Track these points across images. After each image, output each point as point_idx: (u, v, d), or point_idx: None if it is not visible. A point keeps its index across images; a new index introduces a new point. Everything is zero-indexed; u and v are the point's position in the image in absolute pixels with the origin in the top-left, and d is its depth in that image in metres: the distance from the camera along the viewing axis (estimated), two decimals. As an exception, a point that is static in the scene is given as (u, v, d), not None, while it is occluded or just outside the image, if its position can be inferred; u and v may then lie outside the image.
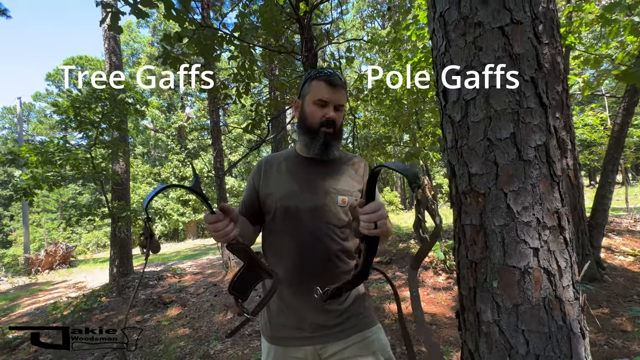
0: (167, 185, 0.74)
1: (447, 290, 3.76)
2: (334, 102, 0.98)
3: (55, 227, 23.62)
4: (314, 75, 1.00)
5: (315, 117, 0.99)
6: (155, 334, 3.48)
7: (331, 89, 0.97)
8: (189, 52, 2.59)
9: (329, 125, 0.99)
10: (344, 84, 1.01)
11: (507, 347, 0.77)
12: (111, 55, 6.60)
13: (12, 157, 4.43)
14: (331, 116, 0.98)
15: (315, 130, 0.99)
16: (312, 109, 1.00)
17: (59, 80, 24.77)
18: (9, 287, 8.20)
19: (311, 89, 1.00)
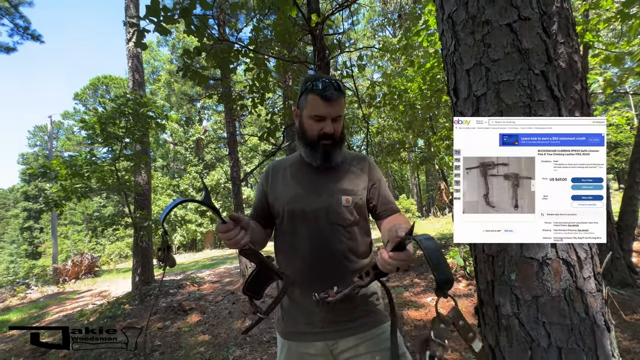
0: (181, 201, 0.80)
1: (467, 297, 3.65)
2: (331, 116, 0.99)
3: (81, 239, 24.62)
4: (310, 87, 0.99)
5: (313, 131, 1.01)
6: (176, 340, 3.55)
7: (327, 104, 0.97)
8: (208, 65, 2.72)
9: (327, 138, 1.00)
10: (341, 92, 0.99)
11: (527, 340, 0.76)
12: (134, 73, 6.97)
13: (43, 171, 4.71)
14: (329, 130, 0.99)
15: (314, 143, 1.02)
16: (309, 123, 1.01)
17: (86, 99, 26.20)
18: (39, 296, 8.57)
19: (307, 103, 1.00)
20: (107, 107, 5.88)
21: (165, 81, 20.89)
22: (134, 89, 6.76)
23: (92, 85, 25.82)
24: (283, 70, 4.13)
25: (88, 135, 5.14)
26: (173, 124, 19.78)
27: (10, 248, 29.43)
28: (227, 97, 3.49)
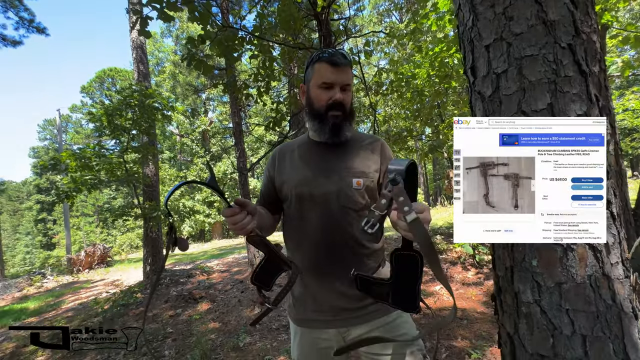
0: (185, 182, 0.78)
1: (477, 285, 3.63)
2: (339, 83, 0.95)
3: (93, 230, 25.20)
4: (316, 57, 0.97)
5: (321, 101, 0.97)
6: (187, 327, 3.62)
7: (335, 70, 0.93)
8: (212, 53, 2.67)
9: (337, 108, 0.96)
10: (349, 61, 0.96)
11: (550, 328, 0.74)
12: (139, 64, 6.94)
13: (54, 163, 4.77)
14: (338, 98, 0.95)
15: (323, 115, 0.97)
16: (317, 92, 0.97)
17: (93, 92, 26.36)
18: (55, 285, 8.84)
19: (314, 72, 0.97)
20: (113, 100, 5.90)
21: (170, 72, 20.86)
22: (139, 80, 6.75)
23: (98, 78, 25.94)
24: (288, 58, 4.05)
25: (96, 127, 5.17)
26: (179, 115, 19.82)
27: (26, 239, 30.36)
28: (232, 86, 3.45)
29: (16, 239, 30.82)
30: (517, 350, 0.80)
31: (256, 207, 0.87)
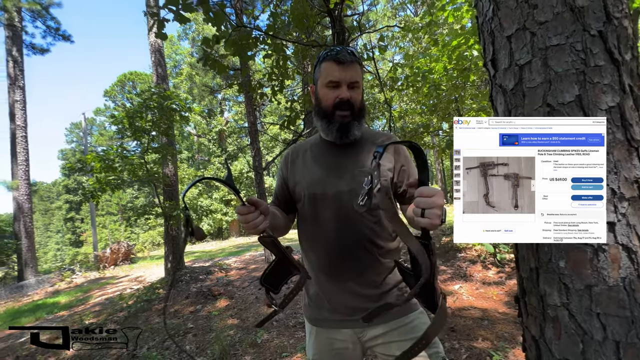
0: (202, 178, 0.80)
1: (498, 284, 3.52)
2: (346, 81, 0.93)
3: (118, 228, 26.28)
4: (323, 56, 0.96)
5: (328, 100, 0.95)
6: (207, 323, 3.72)
7: (341, 68, 0.92)
8: (227, 53, 2.71)
9: (344, 107, 0.94)
10: (357, 58, 0.94)
11: (579, 333, 0.70)
12: (157, 67, 7.14)
13: (80, 164, 5.00)
14: (345, 96, 0.93)
15: (330, 114, 0.96)
16: (324, 92, 0.96)
17: (115, 95, 27.39)
18: (83, 281, 9.29)
19: (321, 71, 0.96)
20: (134, 102, 6.11)
21: (187, 74, 21.36)
22: (157, 82, 6.95)
23: (120, 82, 26.91)
24: (302, 56, 4.05)
25: (118, 129, 5.37)
26: (196, 116, 20.30)
27: (56, 237, 32.10)
28: (247, 85, 3.48)
29: (48, 237, 32.65)
30: (544, 355, 0.77)
31: (269, 207, 0.87)
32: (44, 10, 11.62)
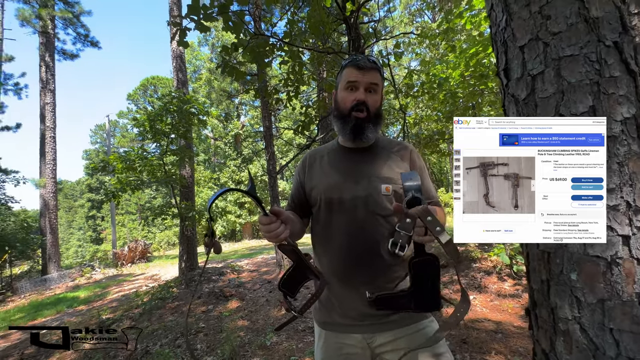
0: (228, 189, 0.81)
1: (514, 297, 3.41)
2: (363, 83, 0.96)
3: (136, 227, 27.08)
4: (344, 64, 1.01)
5: (346, 102, 0.99)
6: (218, 323, 3.78)
7: (360, 72, 0.96)
8: (245, 60, 2.78)
9: (360, 109, 0.96)
10: (377, 65, 0.98)
11: (591, 348, 0.68)
12: (178, 72, 7.40)
13: (103, 165, 5.22)
14: (361, 97, 0.96)
15: (346, 115, 0.98)
16: (343, 95, 1.00)
17: (137, 98, 28.47)
18: (102, 277, 9.62)
19: (342, 76, 1.01)
20: (155, 106, 6.35)
21: (206, 79, 21.96)
22: (178, 87, 7.20)
23: (142, 86, 27.98)
24: (317, 62, 4.11)
25: (139, 132, 5.59)
26: (213, 119, 20.79)
27: (78, 234, 33.40)
28: (263, 91, 3.56)
29: (70, 234, 34.02)
30: (554, 370, 0.75)
31: (289, 215, 0.89)
32: (75, 18, 12.28)
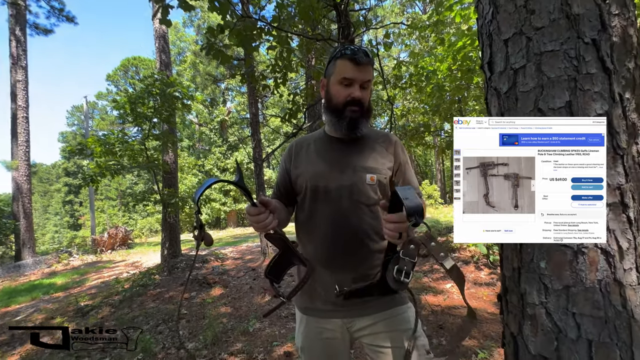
0: (215, 181, 0.81)
1: (489, 285, 3.57)
2: (359, 81, 0.96)
3: (116, 213, 26.36)
4: (339, 53, 0.98)
5: (340, 97, 0.98)
6: (201, 310, 3.77)
7: (356, 68, 0.95)
8: (231, 43, 2.70)
9: (355, 105, 0.97)
10: (371, 60, 0.97)
11: (554, 331, 0.73)
12: (161, 53, 7.10)
13: (80, 148, 5.01)
14: (356, 96, 0.96)
15: (341, 110, 0.99)
16: (337, 88, 0.99)
17: (117, 80, 27.24)
18: (80, 264, 9.36)
19: (336, 68, 0.98)
20: (136, 88, 6.10)
21: (190, 62, 21.22)
22: (161, 69, 6.92)
23: (123, 67, 26.75)
24: (306, 49, 4.03)
25: (119, 114, 5.37)
26: (198, 104, 20.21)
27: (55, 219, 32.19)
28: (250, 76, 3.48)
29: (46, 219, 32.75)
30: (520, 351, 0.79)
31: (276, 204, 0.90)
32: (48, -10, 11.50)
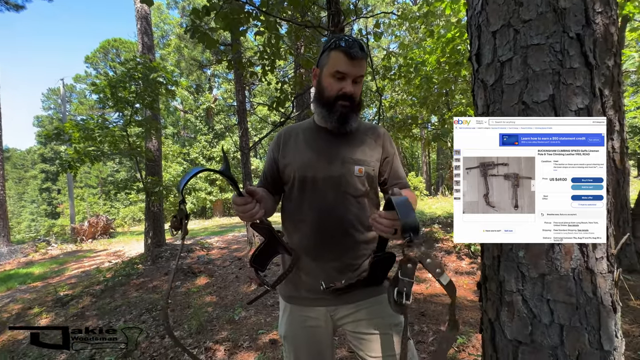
0: (201, 169, 0.79)
1: (470, 274, 3.69)
2: (352, 75, 0.95)
3: (97, 202, 25.58)
4: (333, 44, 0.95)
5: (332, 91, 0.97)
6: (185, 299, 3.75)
7: (350, 62, 0.93)
8: (217, 26, 2.61)
9: (346, 99, 0.96)
10: (365, 53, 0.95)
11: (529, 316, 0.76)
12: (143, 35, 6.80)
13: (57, 133, 4.79)
14: (349, 91, 0.95)
15: (332, 104, 0.98)
16: (329, 81, 0.97)
17: (97, 62, 25.99)
18: (59, 253, 9.08)
19: (330, 59, 0.96)
20: (117, 71, 5.84)
21: (175, 46, 20.45)
22: (143, 52, 6.64)
23: (103, 49, 25.50)
24: (295, 36, 3.95)
25: (99, 99, 5.14)
26: (183, 91, 19.61)
27: (31, 207, 30.93)
28: (237, 62, 3.38)
29: (21, 207, 31.41)
30: (497, 336, 0.83)
31: (263, 194, 0.89)
32: (19, -38, 10.72)
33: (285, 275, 0.99)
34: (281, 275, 1.00)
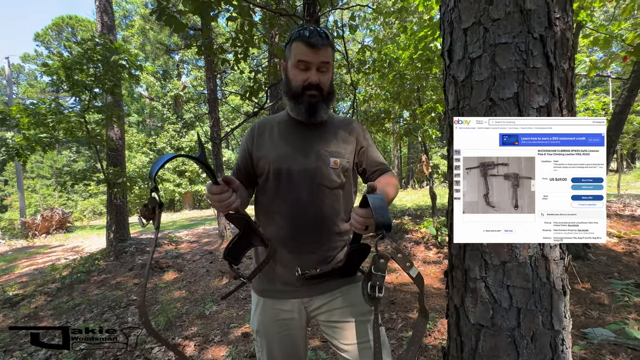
0: (176, 155, 0.74)
1: (436, 264, 3.88)
2: (316, 64, 0.94)
3: (51, 193, 23.63)
4: (295, 35, 0.95)
5: (297, 81, 0.96)
6: (152, 295, 3.60)
7: (311, 50, 0.92)
8: (186, 9, 2.46)
9: (313, 89, 0.96)
10: (328, 40, 0.94)
11: (491, 302, 0.81)
12: (103, 14, 6.28)
13: (2, 117, 4.32)
14: (313, 80, 0.94)
15: (299, 95, 0.97)
16: (294, 72, 0.97)
17: (49, 41, 23.67)
18: (7, 249, 8.31)
19: (292, 50, 0.95)
20: (72, 52, 5.35)
21: (139, 28, 19.13)
22: (102, 32, 6.14)
23: (56, 26, 23.22)
24: (270, 25, 3.84)
25: (52, 81, 4.70)
26: (148, 76, 18.47)
27: (-28, 200, 27.84)
28: (208, 48, 3.23)
29: (-39, 199, 28.19)
30: (461, 321, 0.88)
31: (239, 184, 0.87)
32: None
33: (262, 267, 0.98)
34: (257, 267, 0.99)
